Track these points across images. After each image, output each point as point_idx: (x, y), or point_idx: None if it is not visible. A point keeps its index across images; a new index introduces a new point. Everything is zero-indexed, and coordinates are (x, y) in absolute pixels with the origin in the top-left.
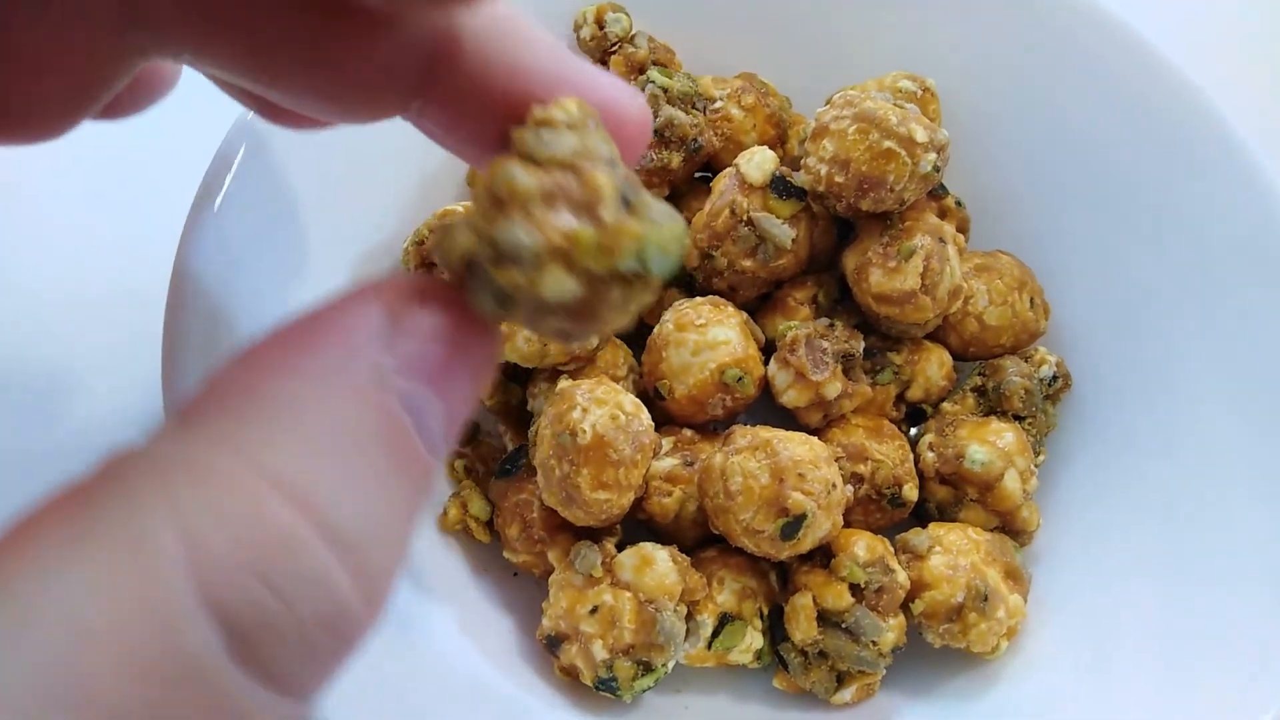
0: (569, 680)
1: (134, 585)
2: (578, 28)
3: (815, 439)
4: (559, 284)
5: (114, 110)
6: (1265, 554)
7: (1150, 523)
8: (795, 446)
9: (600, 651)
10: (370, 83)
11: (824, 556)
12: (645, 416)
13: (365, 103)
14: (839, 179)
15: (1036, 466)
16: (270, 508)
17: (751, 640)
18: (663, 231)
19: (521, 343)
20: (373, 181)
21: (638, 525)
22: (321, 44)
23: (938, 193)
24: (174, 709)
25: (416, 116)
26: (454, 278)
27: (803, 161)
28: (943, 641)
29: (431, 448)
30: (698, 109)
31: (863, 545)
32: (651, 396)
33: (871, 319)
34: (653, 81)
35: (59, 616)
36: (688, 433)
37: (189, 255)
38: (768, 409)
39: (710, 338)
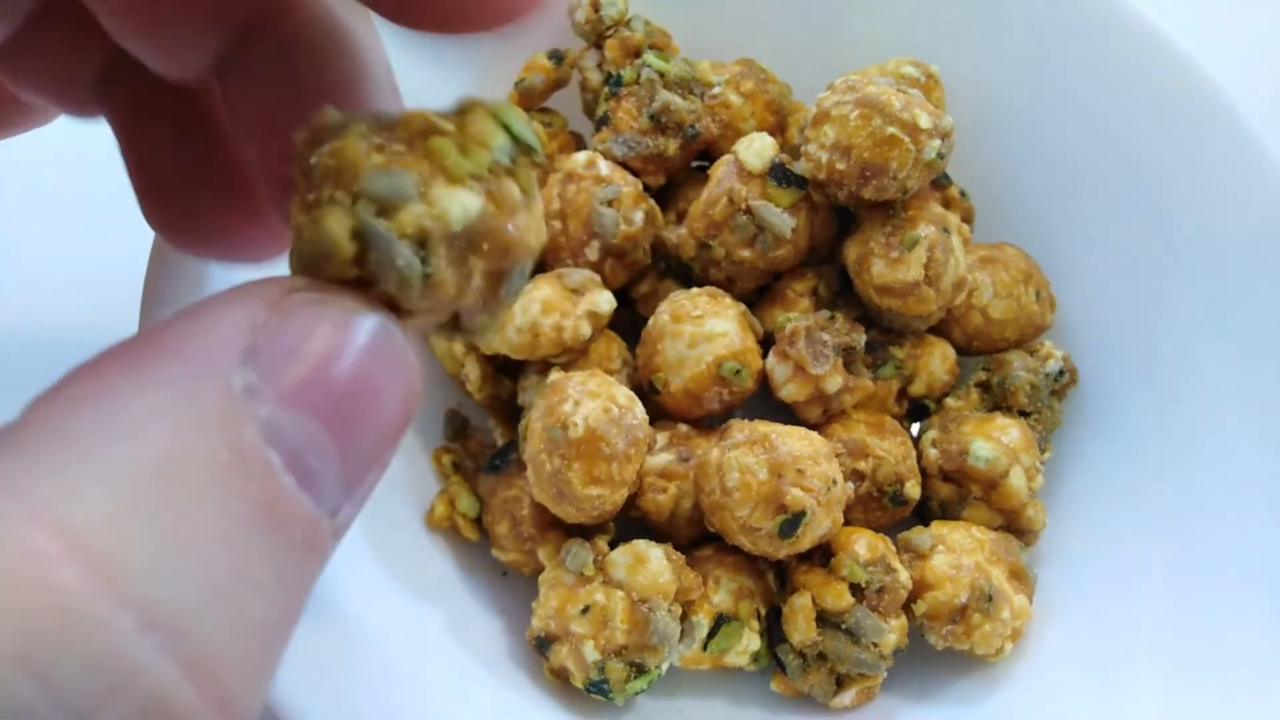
0: (559, 682)
1: None
2: (572, 10)
3: (815, 434)
4: (459, 200)
5: None
6: (1276, 554)
7: (1159, 522)
8: (794, 442)
9: (592, 653)
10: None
11: (823, 555)
12: (639, 410)
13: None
14: (840, 166)
15: (1042, 464)
16: (53, 570)
17: (748, 642)
18: (501, 104)
19: (512, 333)
20: None
21: (631, 523)
22: None
23: (941, 182)
24: None
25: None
26: (349, 270)
27: (803, 148)
28: (945, 643)
29: (323, 501)
30: (695, 94)
31: (864, 544)
32: (646, 390)
33: (873, 311)
34: (649, 66)
35: None
36: (683, 428)
37: (162, 247)
38: (766, 404)
39: (707, 329)
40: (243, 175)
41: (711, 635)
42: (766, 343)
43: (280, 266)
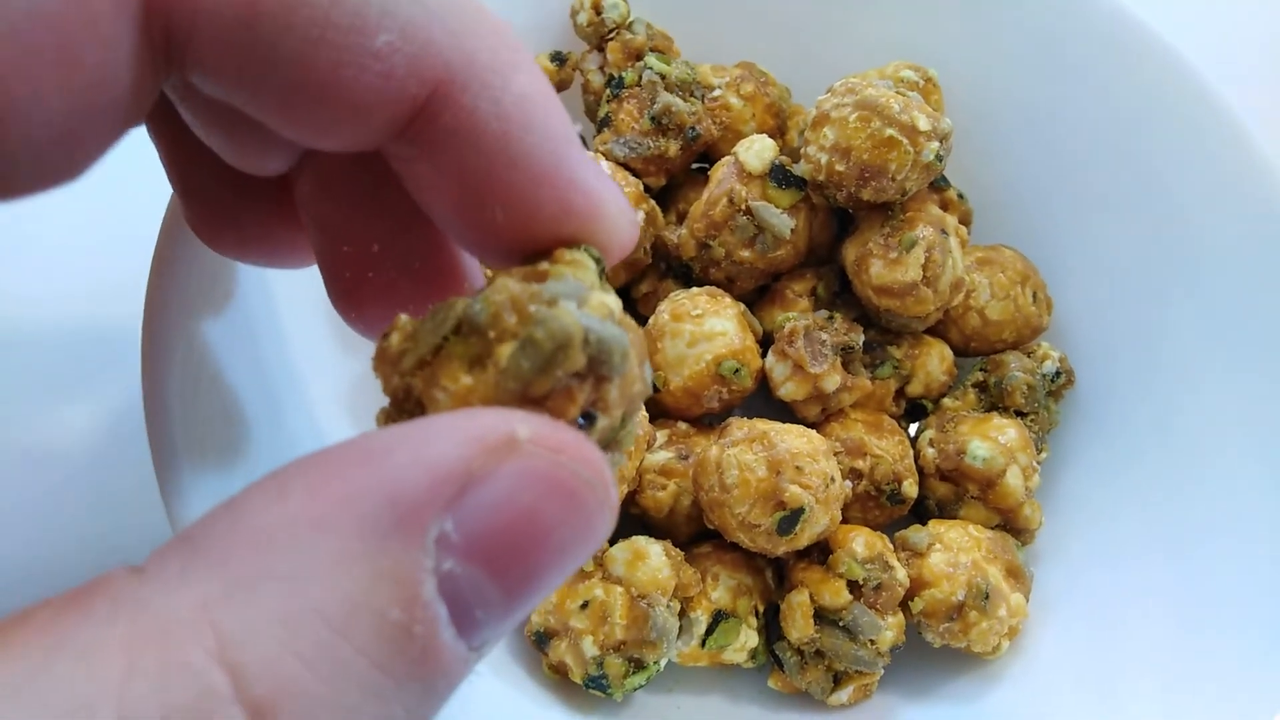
0: (557, 678)
1: None
2: (574, 13)
3: (813, 432)
4: (613, 297)
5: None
6: (1272, 553)
7: (1155, 522)
8: (793, 439)
9: (590, 648)
10: (355, 103)
11: (821, 553)
12: None
13: (345, 123)
14: (840, 168)
15: (1039, 464)
16: (223, 711)
17: (746, 639)
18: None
19: None
20: None
21: (631, 519)
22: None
23: (939, 184)
24: None
25: (401, 160)
26: (580, 360)
27: (803, 150)
28: (943, 641)
29: (473, 642)
30: (696, 97)
31: (861, 541)
32: None
33: (871, 312)
34: (650, 68)
35: None
36: (683, 426)
37: (165, 246)
38: (765, 403)
39: (707, 329)
40: (283, 180)
41: (709, 632)
42: (765, 342)
43: (307, 274)
